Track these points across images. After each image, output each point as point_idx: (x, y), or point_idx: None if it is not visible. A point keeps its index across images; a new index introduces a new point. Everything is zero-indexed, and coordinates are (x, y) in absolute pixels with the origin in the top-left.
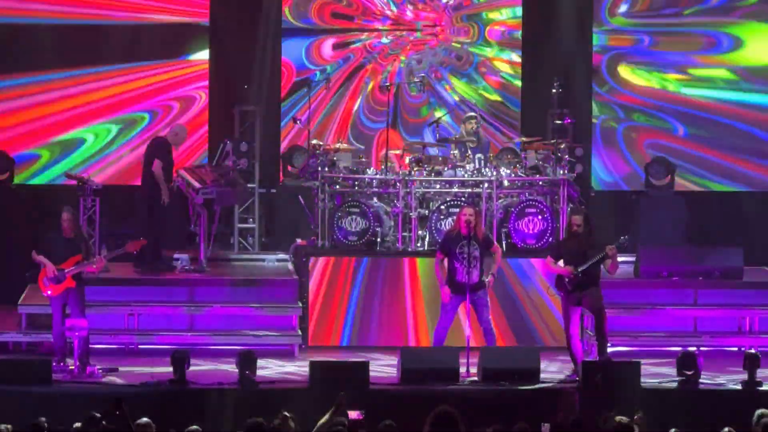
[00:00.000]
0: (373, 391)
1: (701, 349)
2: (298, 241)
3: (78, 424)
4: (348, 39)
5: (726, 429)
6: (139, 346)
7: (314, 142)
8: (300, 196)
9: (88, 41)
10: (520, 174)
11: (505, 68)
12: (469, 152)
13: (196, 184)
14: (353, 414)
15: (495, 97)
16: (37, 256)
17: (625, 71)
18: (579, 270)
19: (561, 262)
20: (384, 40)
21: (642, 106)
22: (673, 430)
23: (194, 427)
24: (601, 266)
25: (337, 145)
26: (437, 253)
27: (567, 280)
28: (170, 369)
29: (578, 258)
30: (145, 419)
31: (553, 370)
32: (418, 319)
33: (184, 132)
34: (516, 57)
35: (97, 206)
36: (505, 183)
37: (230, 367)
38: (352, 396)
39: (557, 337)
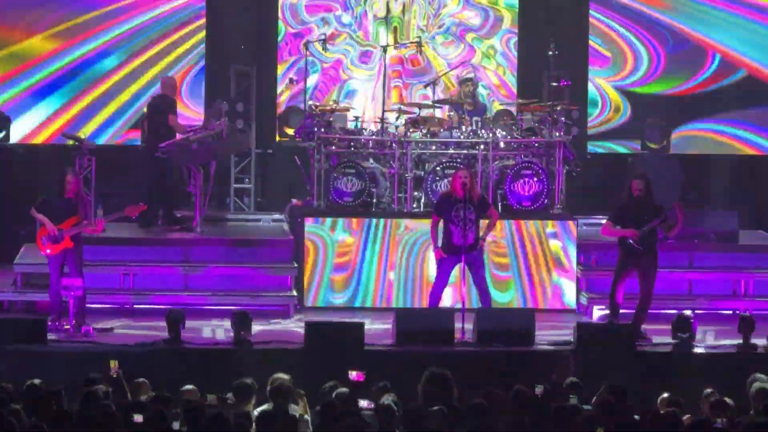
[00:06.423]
0: (368, 352)
1: (696, 312)
2: (294, 201)
3: None
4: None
5: (708, 390)
6: (134, 306)
7: (310, 102)
8: (296, 157)
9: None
10: (516, 136)
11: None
12: (466, 114)
13: None
14: (354, 375)
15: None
16: (36, 214)
17: None
18: (645, 229)
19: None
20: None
21: None
22: (665, 394)
23: (189, 386)
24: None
25: (333, 105)
26: (433, 216)
27: (632, 241)
28: (165, 329)
29: (638, 222)
30: (140, 379)
31: (548, 333)
32: (415, 281)
33: (176, 82)
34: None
35: (93, 166)
36: (501, 145)
37: (225, 327)
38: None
39: (551, 299)
